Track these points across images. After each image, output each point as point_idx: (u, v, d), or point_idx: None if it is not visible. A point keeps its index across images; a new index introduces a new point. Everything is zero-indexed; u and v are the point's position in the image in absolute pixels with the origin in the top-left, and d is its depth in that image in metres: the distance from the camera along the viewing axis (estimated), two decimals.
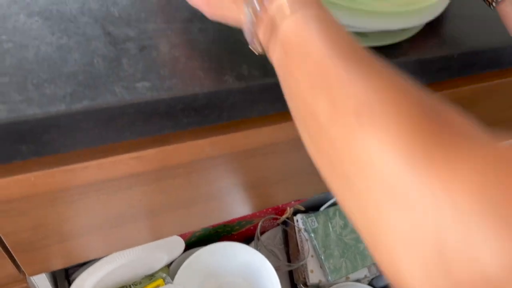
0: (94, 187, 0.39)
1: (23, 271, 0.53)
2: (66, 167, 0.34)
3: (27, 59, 0.29)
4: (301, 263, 0.83)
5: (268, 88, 0.35)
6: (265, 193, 0.58)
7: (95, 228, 0.46)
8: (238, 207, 0.60)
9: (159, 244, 0.70)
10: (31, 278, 0.59)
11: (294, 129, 0.45)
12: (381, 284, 0.86)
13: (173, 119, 0.33)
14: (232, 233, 0.88)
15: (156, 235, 0.57)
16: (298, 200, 0.85)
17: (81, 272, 0.63)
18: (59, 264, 0.52)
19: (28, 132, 0.28)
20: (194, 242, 0.83)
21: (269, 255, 0.80)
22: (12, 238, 0.41)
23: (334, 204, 0.92)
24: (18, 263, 0.47)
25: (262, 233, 0.88)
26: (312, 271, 0.85)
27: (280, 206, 0.83)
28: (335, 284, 0.83)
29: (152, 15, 0.34)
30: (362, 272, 0.87)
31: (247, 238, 0.91)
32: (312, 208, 0.94)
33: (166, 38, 0.33)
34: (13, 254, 0.45)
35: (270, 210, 0.83)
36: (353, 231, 0.90)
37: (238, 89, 0.32)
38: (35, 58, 0.29)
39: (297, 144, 0.48)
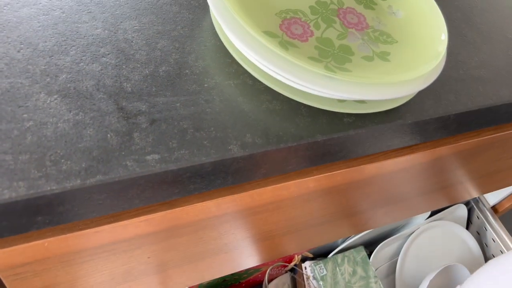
0: (104, 249, 0.40)
1: None
2: (78, 232, 0.36)
3: (46, 137, 0.31)
4: None
5: (271, 154, 0.36)
6: (271, 245, 0.59)
7: (104, 286, 0.47)
8: (246, 259, 0.61)
9: None
10: None
11: (298, 188, 0.47)
12: None
13: (180, 186, 0.35)
14: (240, 281, 0.88)
15: None
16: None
17: None
18: None
19: (45, 206, 0.30)
20: None
21: None
22: None
23: (342, 250, 0.92)
24: None
25: (270, 280, 0.88)
26: None
27: (288, 255, 0.83)
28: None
29: (163, 89, 0.36)
30: None
31: (255, 286, 0.90)
32: (320, 254, 0.94)
33: (175, 110, 0.35)
34: None
35: (278, 258, 0.83)
36: (362, 278, 0.89)
37: (242, 156, 0.34)
38: (53, 135, 0.31)
39: (301, 201, 0.50)
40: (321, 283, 0.86)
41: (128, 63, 0.37)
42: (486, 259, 1.05)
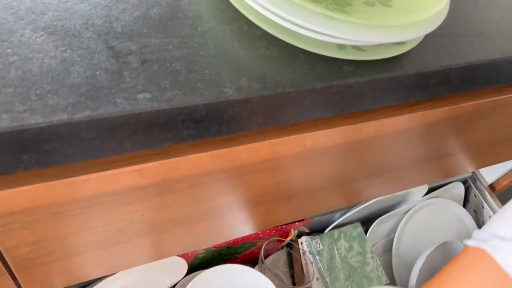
0: (95, 201, 0.39)
1: None
2: (67, 179, 0.35)
3: (31, 71, 0.30)
4: (306, 286, 0.82)
5: (267, 100, 0.35)
6: (268, 211, 0.58)
7: (97, 245, 0.46)
8: (242, 225, 0.60)
9: (162, 265, 0.69)
10: None
11: (295, 145, 0.45)
12: None
13: (174, 130, 0.33)
14: (236, 256, 0.87)
15: (159, 254, 0.57)
16: (302, 221, 0.84)
17: None
18: (60, 283, 0.51)
19: (30, 141, 0.28)
20: (197, 265, 0.82)
21: (274, 278, 0.78)
22: (12, 253, 0.41)
23: (339, 226, 0.91)
24: (19, 282, 0.47)
25: (266, 256, 0.87)
26: None
27: (284, 227, 0.82)
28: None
29: (154, 31, 0.35)
30: None
31: (251, 262, 0.90)
32: (317, 230, 0.93)
33: (167, 52, 0.34)
34: (13, 272, 0.44)
35: (274, 232, 0.83)
36: (359, 253, 0.88)
37: (238, 100, 0.33)
38: (39, 70, 0.30)
39: (298, 161, 0.48)
40: (317, 257, 0.85)
41: (118, 4, 0.36)
42: None
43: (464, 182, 1.05)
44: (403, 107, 0.48)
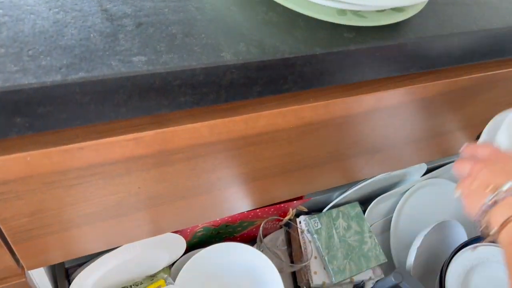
0: (91, 171, 0.38)
1: (22, 265, 0.52)
2: (62, 147, 0.34)
3: (23, 32, 0.29)
4: (304, 263, 0.82)
5: (266, 66, 0.34)
6: (266, 186, 0.58)
7: (94, 218, 0.46)
8: (240, 201, 0.59)
9: (160, 243, 0.69)
10: (31, 276, 0.59)
11: (294, 117, 0.45)
12: (386, 286, 0.84)
13: (170, 96, 0.33)
14: (235, 235, 0.87)
15: (157, 230, 0.57)
16: (300, 199, 0.84)
17: (81, 270, 0.63)
18: (58, 257, 0.51)
19: (23, 103, 0.28)
20: (196, 243, 0.82)
21: (272, 257, 0.79)
22: (9, 225, 0.41)
23: (337, 205, 0.91)
24: (16, 254, 0.46)
25: (264, 235, 0.87)
26: (315, 273, 0.83)
27: (283, 206, 0.82)
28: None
29: None
30: (367, 274, 0.86)
31: (249, 241, 0.90)
32: (315, 210, 0.93)
33: (163, 15, 0.33)
34: (10, 244, 0.44)
35: (272, 210, 0.82)
36: (357, 232, 0.89)
37: (235, 65, 0.32)
38: (31, 31, 0.29)
39: (296, 134, 0.48)
40: (315, 236, 0.85)
41: None
42: None
43: None
44: (404, 79, 0.48)
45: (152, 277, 0.74)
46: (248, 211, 0.77)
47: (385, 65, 0.41)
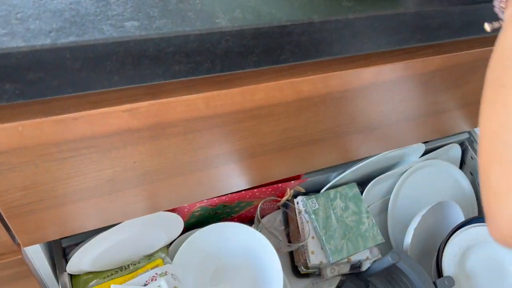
0: (85, 143, 0.38)
1: (18, 242, 0.52)
2: (54, 117, 0.33)
3: None
4: (302, 243, 0.82)
5: (262, 34, 0.34)
6: (264, 163, 0.57)
7: (89, 193, 0.45)
8: (237, 179, 0.59)
9: (158, 222, 0.69)
10: (27, 253, 0.59)
11: (291, 90, 0.44)
12: (383, 266, 0.85)
13: (164, 65, 0.32)
14: (232, 215, 0.87)
15: (154, 207, 0.57)
16: (299, 179, 0.84)
17: (79, 249, 0.62)
18: (54, 234, 0.51)
19: (13, 68, 0.27)
20: (193, 223, 0.82)
21: (270, 237, 0.79)
22: (3, 198, 0.40)
23: (335, 186, 0.91)
24: (12, 230, 0.46)
25: (262, 216, 0.87)
26: (312, 253, 0.83)
27: (280, 186, 0.82)
28: None
29: None
30: (364, 254, 0.86)
31: (247, 221, 0.90)
32: (313, 191, 0.93)
33: None
34: (5, 219, 0.44)
35: (270, 190, 0.82)
36: (354, 213, 0.89)
37: (231, 32, 0.31)
38: None
39: (294, 108, 0.47)
40: (313, 216, 0.85)
41: None
42: (478, 199, 1.05)
43: (461, 144, 1.05)
44: (403, 52, 0.47)
45: (150, 257, 0.74)
46: (246, 190, 0.77)
47: (384, 36, 0.41)
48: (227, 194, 0.74)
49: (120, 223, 0.61)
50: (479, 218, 0.89)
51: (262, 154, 0.55)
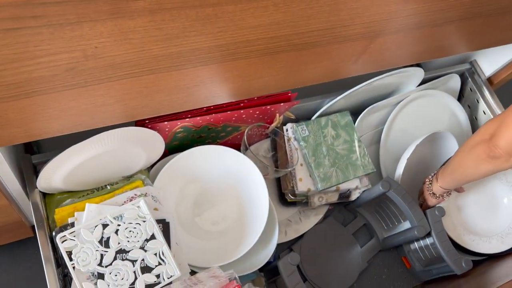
0: (30, 11, 0.32)
1: None
2: None
3: None
4: (290, 169, 0.79)
5: None
6: (249, 69, 0.52)
7: (47, 85, 0.40)
8: (220, 88, 0.54)
9: (136, 138, 0.64)
10: None
11: None
12: (373, 195, 0.82)
13: None
14: (218, 140, 0.82)
15: (126, 114, 0.52)
16: (288, 101, 0.78)
17: (49, 162, 0.58)
18: (17, 136, 0.46)
19: None
20: (176, 147, 0.78)
21: (256, 162, 0.75)
22: None
23: (327, 114, 0.86)
24: None
25: (249, 144, 0.83)
26: (300, 179, 0.80)
27: (269, 109, 0.77)
28: None
29: None
30: (353, 183, 0.83)
31: (233, 149, 0.86)
32: (303, 119, 0.88)
33: None
34: None
35: (257, 113, 0.77)
36: (346, 141, 0.85)
37: None
38: None
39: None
40: (302, 143, 0.81)
41: None
42: None
43: (461, 75, 0.99)
44: None
45: (129, 178, 0.71)
46: (232, 110, 0.72)
47: None
48: (211, 112, 0.70)
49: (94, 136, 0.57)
50: None
51: (246, 57, 0.49)
